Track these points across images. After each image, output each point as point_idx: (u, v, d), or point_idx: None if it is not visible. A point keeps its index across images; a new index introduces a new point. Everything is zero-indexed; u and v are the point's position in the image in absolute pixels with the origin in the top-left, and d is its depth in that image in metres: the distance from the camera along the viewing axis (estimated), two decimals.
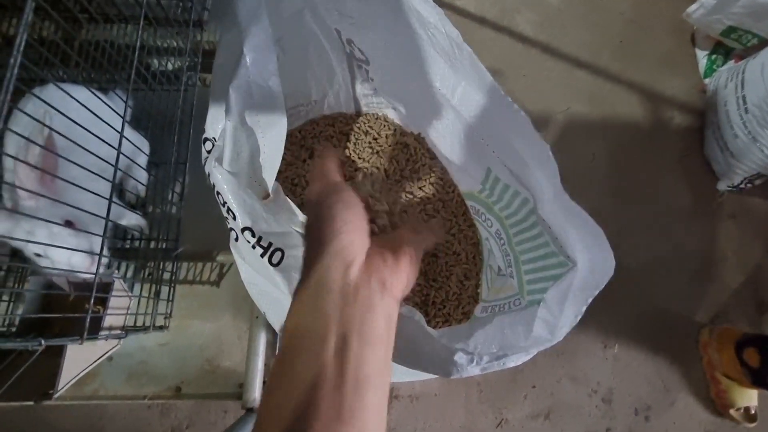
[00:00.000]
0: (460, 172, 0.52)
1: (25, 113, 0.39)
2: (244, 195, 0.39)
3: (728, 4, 1.15)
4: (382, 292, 0.25)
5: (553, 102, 1.21)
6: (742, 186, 1.16)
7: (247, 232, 0.40)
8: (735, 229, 1.15)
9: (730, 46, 1.25)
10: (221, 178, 0.40)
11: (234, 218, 0.40)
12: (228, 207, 0.40)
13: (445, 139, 0.49)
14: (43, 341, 0.37)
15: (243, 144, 0.39)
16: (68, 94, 0.42)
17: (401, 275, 0.26)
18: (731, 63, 1.24)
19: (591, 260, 0.35)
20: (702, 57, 1.30)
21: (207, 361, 0.63)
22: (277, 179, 0.41)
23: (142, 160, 0.60)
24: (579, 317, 0.36)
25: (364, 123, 0.58)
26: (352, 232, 0.26)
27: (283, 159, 0.47)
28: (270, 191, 0.37)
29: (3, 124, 0.32)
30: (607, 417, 0.99)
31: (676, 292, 1.09)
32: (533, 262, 0.40)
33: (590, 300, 0.36)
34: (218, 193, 0.41)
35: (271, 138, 0.36)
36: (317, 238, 0.26)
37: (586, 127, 1.20)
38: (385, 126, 0.58)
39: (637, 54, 1.29)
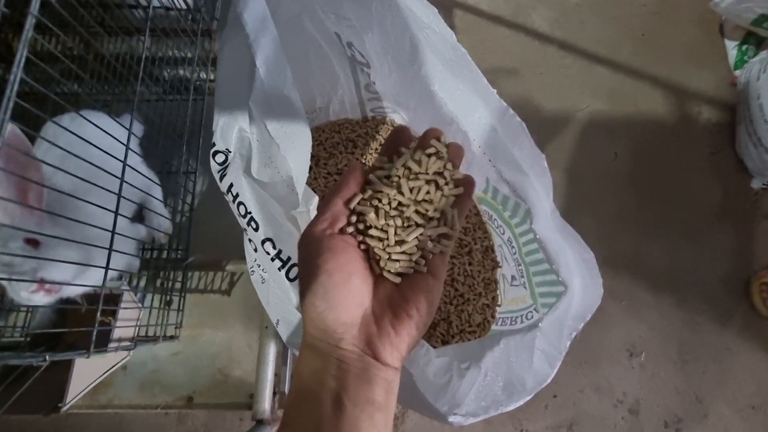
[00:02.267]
0: None
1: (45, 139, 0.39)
2: (270, 206, 0.39)
3: None
4: (377, 365, 0.24)
5: (571, 100, 1.17)
6: None
7: (267, 244, 0.39)
8: None
9: (762, 35, 1.18)
10: (248, 189, 0.39)
11: (256, 229, 0.40)
12: (252, 217, 0.39)
13: None
14: (48, 357, 0.37)
15: (271, 156, 0.38)
16: (89, 121, 0.42)
17: (401, 346, 0.24)
18: (764, 53, 1.17)
19: (582, 286, 0.32)
20: (732, 48, 1.23)
21: (218, 370, 0.63)
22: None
23: (157, 193, 0.60)
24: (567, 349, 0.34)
25: (371, 128, 0.56)
26: (339, 293, 0.24)
27: None
28: (300, 201, 0.36)
29: (2, 141, 0.32)
30: (634, 429, 0.94)
31: (706, 298, 1.03)
32: (542, 275, 0.37)
33: (576, 333, 0.33)
34: (240, 203, 0.41)
35: (298, 148, 0.35)
36: (303, 293, 0.25)
37: (607, 126, 1.16)
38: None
39: (660, 47, 1.24)
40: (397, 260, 0.25)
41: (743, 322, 1.02)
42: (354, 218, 0.26)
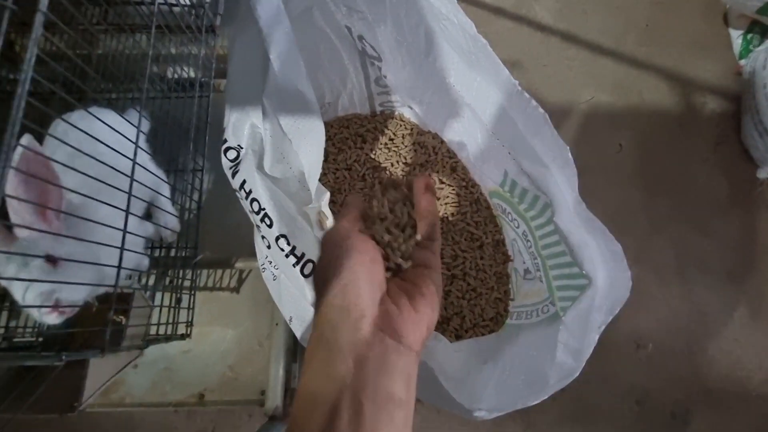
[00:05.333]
0: (480, 172, 0.49)
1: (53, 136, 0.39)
2: (283, 202, 0.38)
3: None
4: (398, 349, 0.23)
5: (575, 92, 1.16)
6: None
7: (282, 240, 0.39)
8: None
9: (767, 24, 1.17)
10: (261, 185, 0.39)
11: (270, 225, 0.39)
12: (265, 213, 0.39)
13: (462, 138, 0.46)
14: (64, 356, 0.37)
15: (284, 151, 0.38)
16: (98, 119, 0.41)
17: (421, 324, 0.24)
18: None
19: (609, 279, 0.32)
20: (737, 37, 1.22)
21: (229, 367, 0.63)
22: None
23: (165, 191, 0.60)
24: (595, 342, 0.34)
25: (380, 123, 0.56)
26: (360, 284, 0.24)
27: None
28: (313, 197, 0.36)
29: (15, 141, 0.31)
30: (641, 421, 0.94)
31: (714, 288, 1.03)
32: (560, 269, 0.37)
33: (604, 326, 0.33)
34: (254, 200, 0.40)
35: (310, 144, 0.34)
36: (322, 291, 0.25)
37: (612, 117, 1.15)
38: (401, 125, 0.56)
39: (664, 37, 1.23)
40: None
41: (750, 313, 1.02)
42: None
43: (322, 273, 0.26)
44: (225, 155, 0.41)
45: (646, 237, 1.07)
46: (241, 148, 0.39)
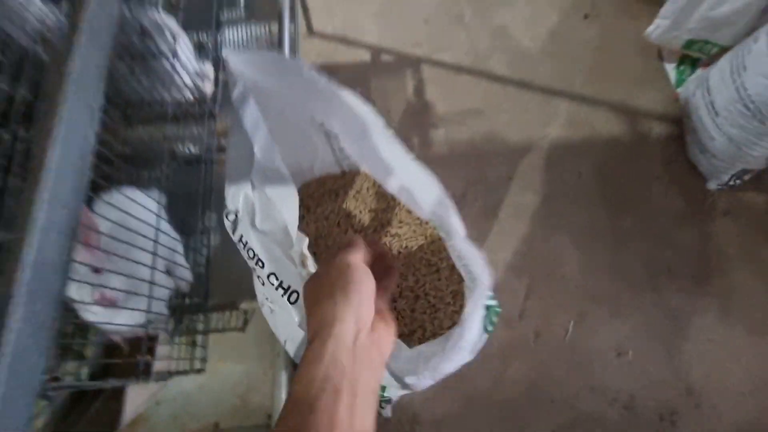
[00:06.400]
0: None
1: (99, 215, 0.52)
2: (272, 249, 0.51)
3: (683, 22, 1.25)
4: (381, 358, 0.33)
5: (534, 131, 1.31)
6: (732, 183, 1.20)
7: (272, 277, 0.51)
8: (732, 224, 1.18)
9: (695, 56, 1.33)
10: (254, 237, 0.52)
11: (262, 266, 0.52)
12: (258, 258, 0.51)
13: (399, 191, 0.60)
14: (111, 381, 0.48)
15: (270, 212, 0.51)
16: (131, 198, 0.56)
17: (393, 337, 0.35)
18: (699, 71, 1.32)
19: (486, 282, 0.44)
20: (671, 69, 1.39)
21: (239, 397, 0.72)
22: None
23: (180, 249, 0.73)
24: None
25: (348, 179, 0.70)
26: (367, 303, 0.32)
27: None
28: (294, 243, 0.48)
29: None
30: (631, 425, 1.00)
31: (683, 293, 1.11)
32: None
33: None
34: (249, 249, 0.53)
35: (288, 204, 0.48)
36: (313, 308, 0.33)
37: (570, 149, 1.29)
38: (365, 179, 0.69)
39: (608, 76, 1.40)
40: None
41: (719, 313, 1.09)
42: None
43: (316, 293, 0.34)
44: (226, 218, 0.54)
45: (615, 251, 1.17)
46: (238, 211, 0.52)
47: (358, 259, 0.36)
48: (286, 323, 0.55)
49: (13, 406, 0.28)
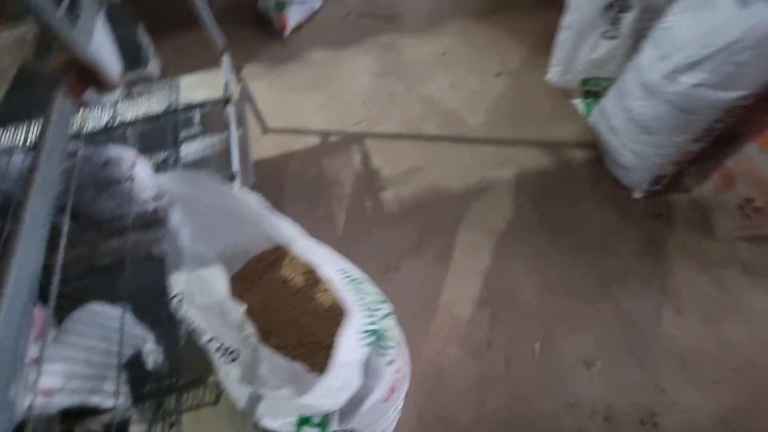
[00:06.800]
0: None
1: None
2: (210, 318, 0.61)
3: (571, 66, 1.47)
4: None
5: (470, 177, 1.46)
6: (653, 189, 1.33)
7: (213, 341, 0.60)
8: (664, 225, 1.29)
9: (594, 90, 1.54)
10: (195, 311, 0.62)
11: (204, 334, 0.61)
12: (200, 328, 0.61)
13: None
14: None
15: (204, 288, 0.62)
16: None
17: None
18: (602, 101, 1.52)
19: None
20: (579, 103, 1.59)
21: None
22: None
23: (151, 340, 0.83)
24: None
25: (282, 251, 0.82)
26: None
27: (235, 291, 0.69)
28: (231, 310, 0.59)
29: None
30: None
31: (636, 297, 1.18)
32: None
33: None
34: (192, 320, 0.63)
35: (219, 280, 0.60)
36: None
37: (506, 187, 1.43)
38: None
39: (527, 118, 1.59)
40: None
41: (674, 308, 1.15)
42: None
43: None
44: (173, 300, 0.65)
45: (565, 270, 1.25)
46: (181, 293, 0.64)
47: None
48: (234, 383, 0.63)
49: None
